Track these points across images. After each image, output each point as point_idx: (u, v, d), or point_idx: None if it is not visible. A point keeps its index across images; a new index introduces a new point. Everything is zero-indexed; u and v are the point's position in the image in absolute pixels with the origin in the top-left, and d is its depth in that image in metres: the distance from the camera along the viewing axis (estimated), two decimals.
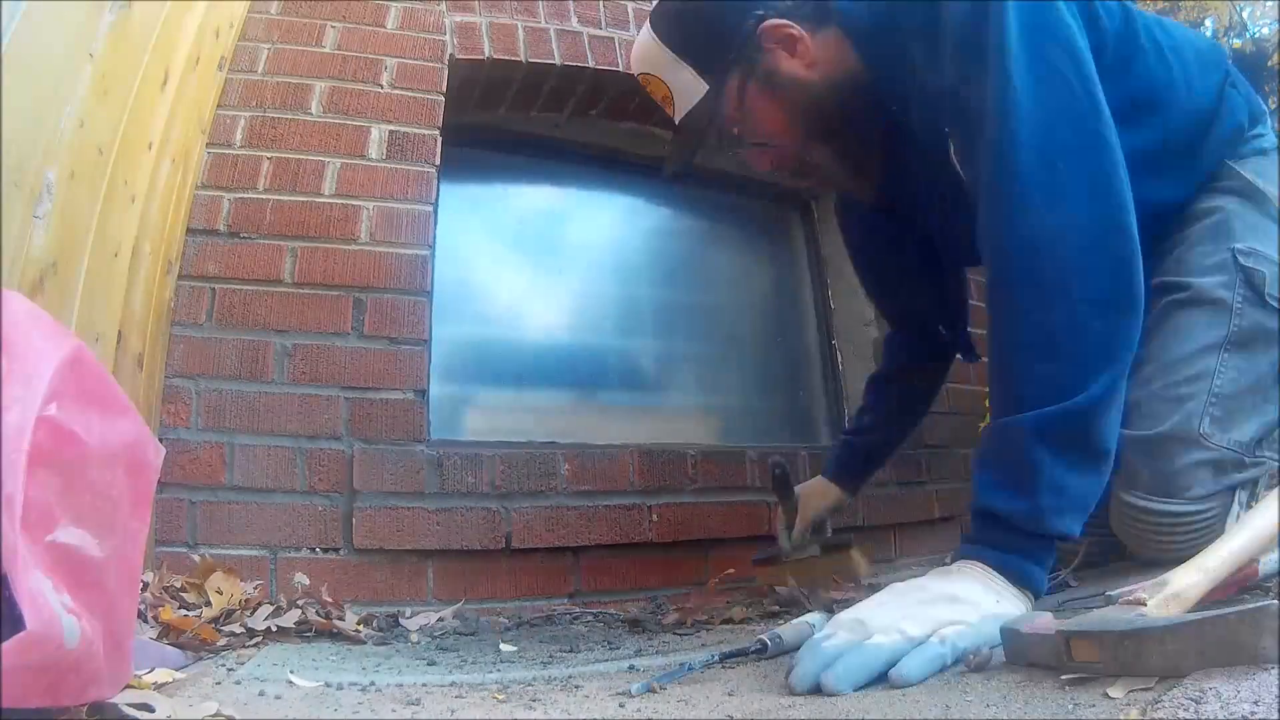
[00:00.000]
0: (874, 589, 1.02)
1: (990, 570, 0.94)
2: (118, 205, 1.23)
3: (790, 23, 1.26)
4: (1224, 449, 1.18)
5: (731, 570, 1.73)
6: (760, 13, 1.25)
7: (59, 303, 1.03)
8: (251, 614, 1.24)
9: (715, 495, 1.96)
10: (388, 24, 2.01)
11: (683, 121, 1.35)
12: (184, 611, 1.13)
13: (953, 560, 0.98)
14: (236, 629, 1.18)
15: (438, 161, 1.93)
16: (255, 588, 1.40)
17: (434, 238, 1.90)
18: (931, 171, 1.23)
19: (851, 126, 1.28)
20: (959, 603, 0.89)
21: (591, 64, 2.18)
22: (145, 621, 1.04)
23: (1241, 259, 1.26)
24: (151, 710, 0.75)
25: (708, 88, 1.28)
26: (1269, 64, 2.39)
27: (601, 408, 2.27)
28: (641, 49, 1.36)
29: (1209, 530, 1.16)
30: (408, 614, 1.49)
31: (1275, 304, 1.25)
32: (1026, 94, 1.00)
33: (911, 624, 0.85)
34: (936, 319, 1.65)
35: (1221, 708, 0.58)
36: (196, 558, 1.46)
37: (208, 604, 1.20)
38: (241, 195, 1.75)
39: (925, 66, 1.15)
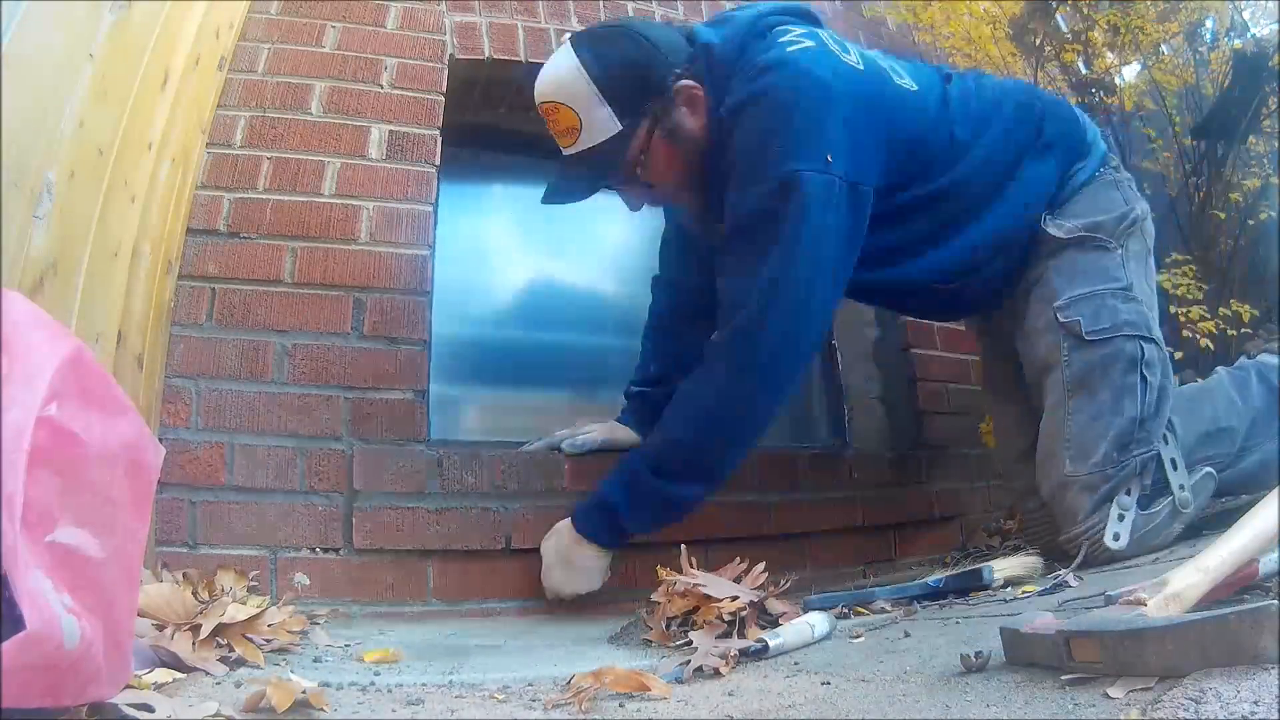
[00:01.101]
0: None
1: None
2: (118, 205, 1.23)
3: (697, 85, 1.48)
4: (1084, 475, 1.48)
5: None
6: (679, 72, 1.47)
7: (59, 303, 1.03)
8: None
9: (715, 495, 1.96)
10: (388, 24, 2.01)
11: (583, 154, 1.50)
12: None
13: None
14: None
15: (438, 161, 1.93)
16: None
17: (434, 238, 1.90)
18: (715, 214, 1.52)
19: (703, 174, 1.53)
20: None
21: None
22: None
23: (1060, 316, 1.53)
24: (151, 710, 0.75)
25: (620, 129, 1.45)
26: (1269, 64, 2.38)
27: (602, 408, 2.26)
28: (561, 78, 1.47)
29: (1096, 542, 1.46)
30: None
31: (1094, 336, 1.51)
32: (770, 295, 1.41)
33: None
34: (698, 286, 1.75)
35: (1221, 708, 0.58)
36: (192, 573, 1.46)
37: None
38: (241, 195, 1.75)
39: (726, 170, 1.47)
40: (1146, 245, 1.64)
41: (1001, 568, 1.44)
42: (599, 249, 2.47)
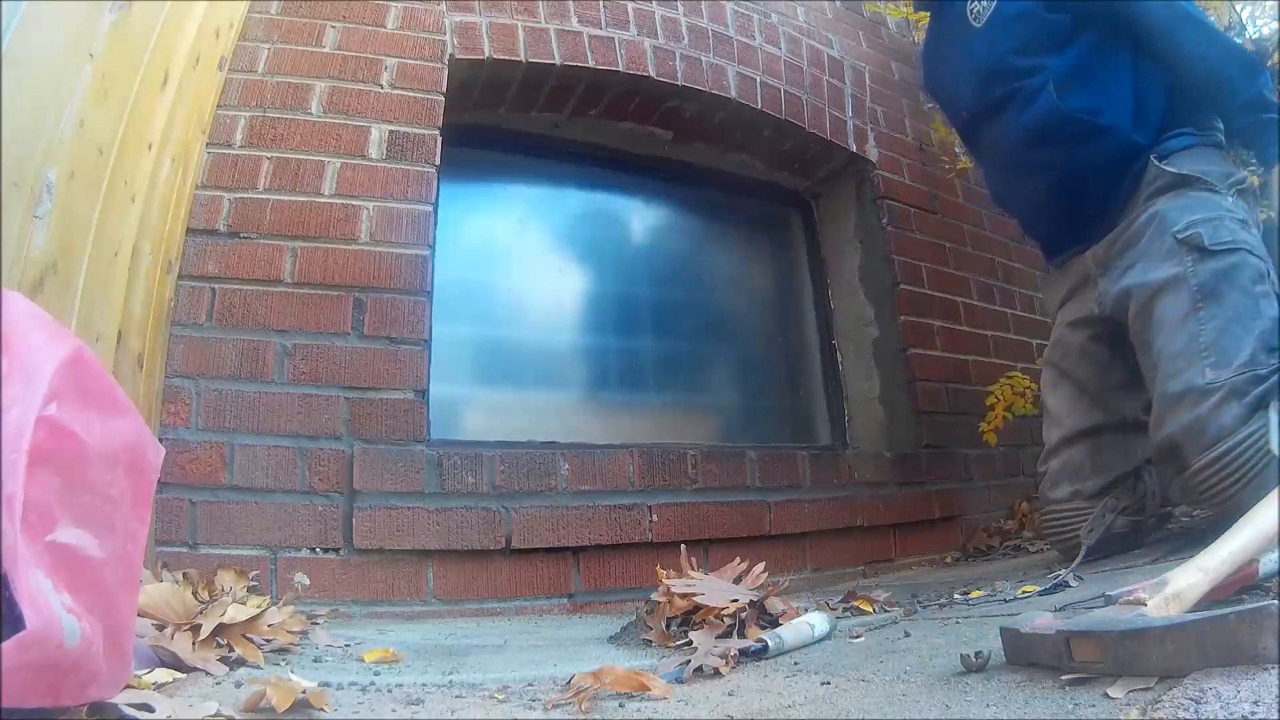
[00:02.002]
0: None
1: None
2: (118, 205, 1.23)
3: None
4: (1231, 378, 1.36)
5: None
6: None
7: (59, 303, 1.03)
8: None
9: (715, 495, 1.97)
10: (388, 24, 2.02)
11: None
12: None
13: None
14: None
15: (438, 161, 1.93)
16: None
17: (434, 238, 1.90)
18: None
19: None
20: None
21: (591, 64, 2.18)
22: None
23: (1179, 235, 1.51)
24: (151, 710, 0.75)
25: None
26: (1269, 64, 2.38)
27: (601, 408, 2.27)
28: None
29: (1261, 455, 1.31)
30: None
31: (1218, 246, 1.47)
32: None
33: None
34: None
35: (1221, 708, 0.58)
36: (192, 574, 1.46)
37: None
38: (241, 195, 1.75)
39: None
40: (1250, 209, 1.63)
41: None
42: (599, 249, 2.47)
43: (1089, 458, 1.71)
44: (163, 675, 0.90)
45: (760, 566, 1.33)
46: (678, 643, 1.19)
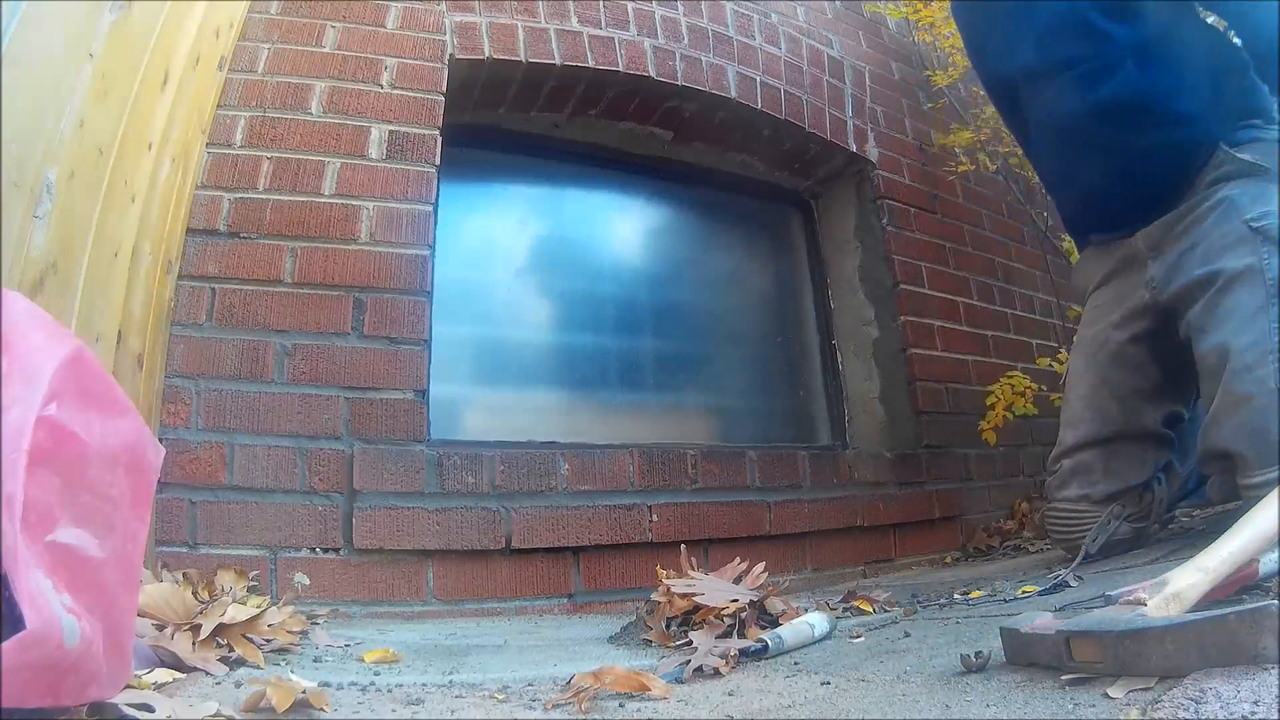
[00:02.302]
0: None
1: None
2: (118, 205, 1.23)
3: None
4: None
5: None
6: None
7: (59, 303, 1.03)
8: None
9: (715, 495, 1.97)
10: (388, 24, 2.02)
11: None
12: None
13: None
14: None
15: (438, 161, 1.93)
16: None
17: (434, 238, 1.90)
18: None
19: None
20: None
21: (591, 64, 2.18)
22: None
23: (1253, 224, 1.45)
24: (151, 710, 0.75)
25: None
26: None
27: (601, 408, 2.27)
28: None
29: None
30: None
31: None
32: None
33: None
34: None
35: (1221, 708, 0.58)
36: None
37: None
38: (241, 195, 1.75)
39: None
40: None
41: None
42: (599, 249, 2.47)
43: (1102, 463, 1.69)
44: (163, 675, 0.90)
45: (760, 566, 1.33)
46: (678, 643, 1.19)
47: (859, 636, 1.20)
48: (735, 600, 1.22)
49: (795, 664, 1.06)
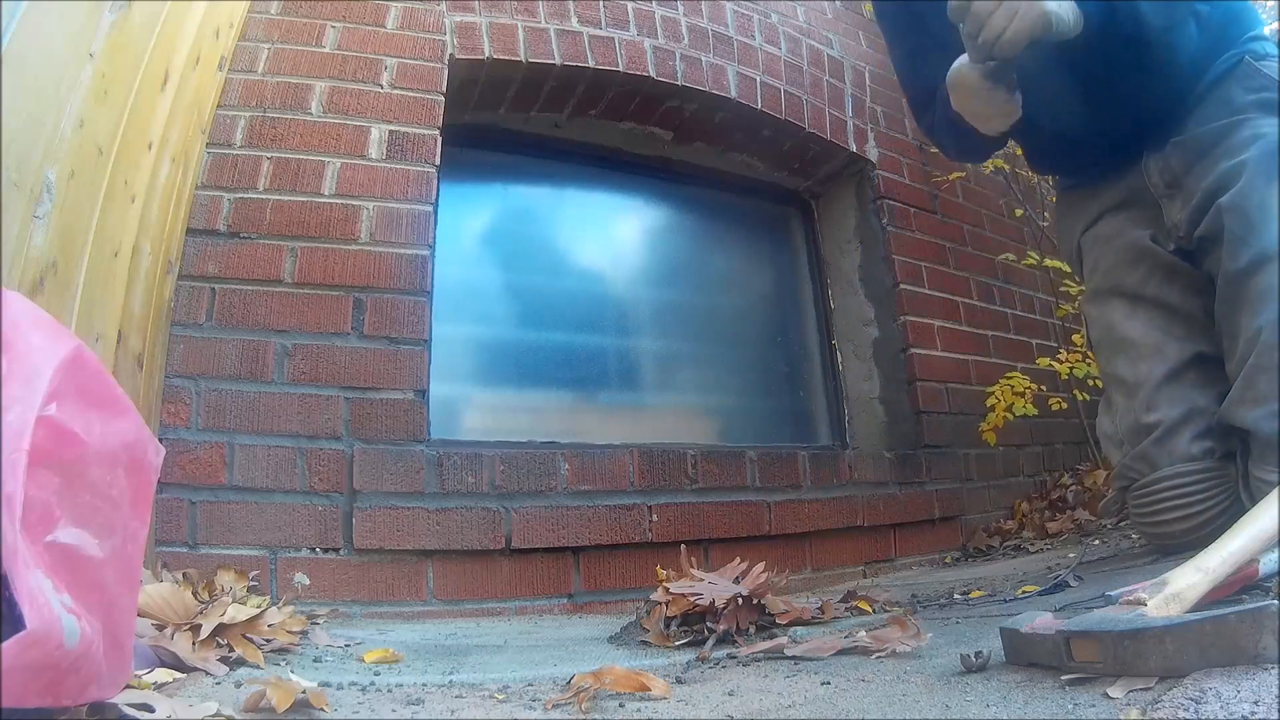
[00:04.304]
0: None
1: None
2: (118, 205, 1.23)
3: None
4: None
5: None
6: None
7: (59, 303, 1.03)
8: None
9: (715, 495, 1.97)
10: (388, 24, 2.02)
11: None
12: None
13: None
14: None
15: (438, 161, 1.93)
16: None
17: (434, 238, 1.90)
18: None
19: None
20: None
21: (591, 64, 2.18)
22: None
23: None
24: (151, 710, 0.75)
25: None
26: None
27: (601, 408, 2.27)
28: None
29: None
30: None
31: None
32: None
33: None
34: None
35: (1221, 708, 0.58)
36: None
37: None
38: (241, 195, 1.75)
39: None
40: None
41: None
42: (599, 249, 2.47)
43: (1216, 401, 1.29)
44: (163, 675, 0.90)
45: (760, 566, 1.33)
46: (677, 643, 1.19)
47: None
48: (735, 600, 1.22)
49: (795, 664, 1.06)
